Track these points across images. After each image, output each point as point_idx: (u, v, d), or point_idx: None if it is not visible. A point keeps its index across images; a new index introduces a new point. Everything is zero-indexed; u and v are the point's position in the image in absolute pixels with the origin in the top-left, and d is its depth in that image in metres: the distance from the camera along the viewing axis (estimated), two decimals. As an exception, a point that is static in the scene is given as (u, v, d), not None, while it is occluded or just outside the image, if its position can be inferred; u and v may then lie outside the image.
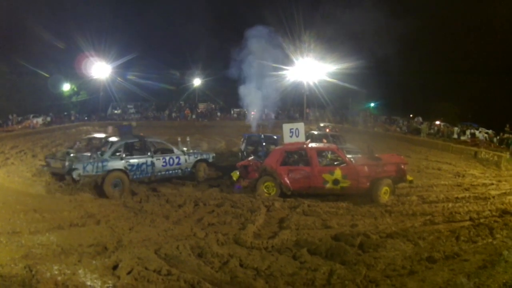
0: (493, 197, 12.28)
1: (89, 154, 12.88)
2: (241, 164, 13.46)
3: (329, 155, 12.90)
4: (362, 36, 35.17)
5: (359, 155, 17.45)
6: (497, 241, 7.86)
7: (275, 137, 18.45)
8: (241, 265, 6.56)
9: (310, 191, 12.04)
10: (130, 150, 13.80)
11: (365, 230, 8.45)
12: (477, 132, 29.75)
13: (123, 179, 12.65)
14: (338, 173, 11.72)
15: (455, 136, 30.24)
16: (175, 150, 14.57)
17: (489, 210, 10.49)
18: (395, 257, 6.95)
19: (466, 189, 13.38)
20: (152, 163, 13.59)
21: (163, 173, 13.93)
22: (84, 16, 53.42)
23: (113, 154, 12.83)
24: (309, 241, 7.69)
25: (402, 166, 11.81)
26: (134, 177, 13.12)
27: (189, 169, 14.59)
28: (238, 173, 13.05)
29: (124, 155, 13.05)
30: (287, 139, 13.36)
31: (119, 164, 12.73)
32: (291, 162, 12.81)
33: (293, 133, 13.30)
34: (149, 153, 13.70)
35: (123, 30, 50.87)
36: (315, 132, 22.25)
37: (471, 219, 9.66)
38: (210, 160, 15.47)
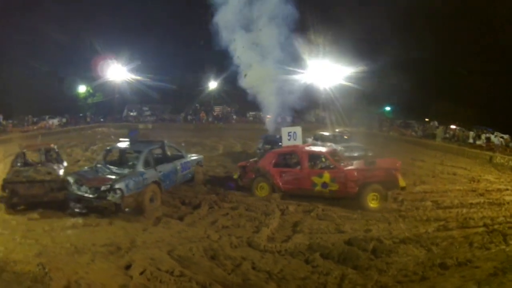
0: (508, 202, 12.01)
1: (113, 168, 11.58)
2: (240, 165, 13.72)
3: (322, 159, 12.87)
4: (379, 38, 35.15)
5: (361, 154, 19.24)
6: (510, 248, 7.78)
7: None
8: (253, 268, 6.63)
9: (300, 192, 12.16)
10: (154, 158, 12.18)
11: (378, 235, 8.44)
12: (492, 137, 29.33)
13: (156, 191, 11.05)
14: (326, 176, 11.76)
15: (471, 140, 29.82)
16: (184, 153, 13.93)
17: (504, 216, 10.33)
18: (407, 263, 6.96)
19: (481, 195, 13.15)
20: (176, 170, 12.61)
21: (180, 179, 12.94)
22: (100, 18, 53.75)
23: (146, 164, 11.24)
24: (322, 245, 7.72)
25: (394, 172, 11.30)
26: (165, 187, 11.78)
27: (193, 173, 13.84)
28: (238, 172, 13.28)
29: (154, 165, 11.55)
30: (286, 142, 13.76)
31: (154, 175, 11.20)
32: (283, 164, 13.07)
33: (291, 136, 13.82)
34: (173, 160, 12.88)
35: (139, 32, 51.13)
36: (325, 133, 23.06)
37: (485, 225, 9.48)
38: (202, 163, 14.91)
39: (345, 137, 23.16)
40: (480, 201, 12.10)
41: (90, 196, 10.09)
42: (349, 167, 11.99)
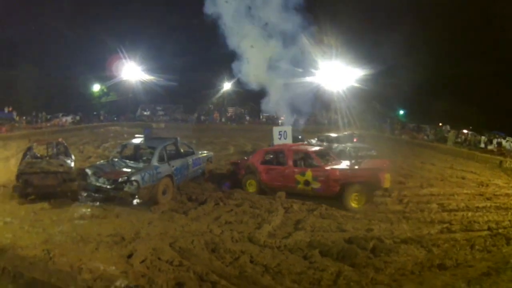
0: (515, 207, 11.95)
1: (130, 162, 12.44)
2: (232, 162, 14.23)
3: (306, 157, 13.03)
4: (390, 41, 35.02)
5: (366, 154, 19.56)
6: (508, 249, 7.80)
7: (299, 137, 20.15)
8: (251, 262, 6.77)
9: (285, 189, 12.33)
10: (168, 153, 12.77)
11: (379, 235, 8.46)
12: (503, 141, 29.11)
13: (169, 184, 11.73)
14: (309, 175, 11.96)
15: (482, 145, 29.61)
16: (195, 150, 14.45)
17: (509, 221, 10.19)
18: (406, 262, 6.99)
19: (488, 199, 13.01)
20: (188, 165, 13.17)
21: (192, 174, 13.48)
22: (116, 18, 54.23)
23: (160, 159, 11.94)
24: (322, 243, 7.80)
25: (377, 172, 11.25)
26: (177, 181, 12.39)
27: (203, 168, 14.31)
28: None
29: (167, 160, 12.23)
30: (276, 140, 14.53)
31: (168, 170, 11.86)
32: (270, 162, 13.32)
33: (282, 135, 14.69)
34: (185, 156, 13.45)
35: (154, 32, 51.43)
36: (332, 135, 23.66)
37: (489, 228, 9.40)
38: (212, 160, 15.36)
39: (354, 139, 23.38)
40: (487, 205, 11.96)
41: (108, 187, 10.90)
42: (332, 167, 12.05)
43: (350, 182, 11.40)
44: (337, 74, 30.33)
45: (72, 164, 12.15)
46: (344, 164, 12.46)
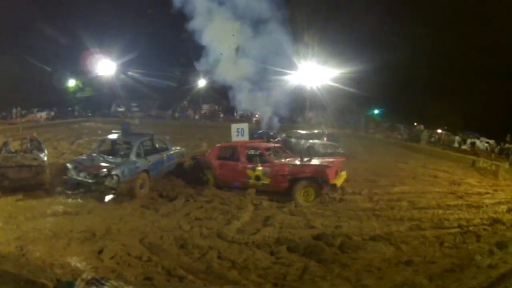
0: (487, 206, 12.05)
1: (108, 157, 12.65)
2: (192, 157, 14.61)
3: (257, 153, 13.53)
4: (367, 39, 35.29)
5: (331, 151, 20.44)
6: (473, 246, 7.94)
7: (271, 133, 21.89)
8: (218, 257, 6.82)
9: (237, 184, 12.63)
10: (144, 149, 13.23)
11: (348, 232, 8.54)
12: (477, 142, 29.64)
13: (145, 179, 12.05)
14: (259, 170, 12.27)
15: (456, 145, 30.12)
16: (169, 146, 14.72)
17: (480, 218, 10.35)
18: (373, 259, 7.08)
19: (460, 197, 13.21)
20: (163, 160, 13.56)
21: (165, 169, 13.77)
22: (90, 13, 53.56)
23: (137, 155, 12.32)
24: (289, 239, 7.87)
25: (324, 169, 11.49)
26: (153, 175, 12.66)
27: (176, 164, 14.58)
28: None
29: (144, 155, 12.61)
30: (234, 137, 14.73)
31: (145, 164, 12.24)
32: (225, 157, 13.74)
33: (239, 133, 14.86)
34: (160, 151, 13.79)
35: (128, 27, 50.88)
36: (301, 132, 24.42)
37: (459, 226, 9.54)
38: (184, 155, 15.61)
39: (324, 138, 23.64)
40: (458, 203, 12.14)
41: (89, 181, 11.19)
42: (281, 163, 12.49)
43: (297, 177, 11.69)
44: (313, 72, 30.48)
45: (45, 158, 12.63)
46: (295, 161, 12.71)
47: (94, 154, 12.85)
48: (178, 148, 15.49)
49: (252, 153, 13.65)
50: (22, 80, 46.79)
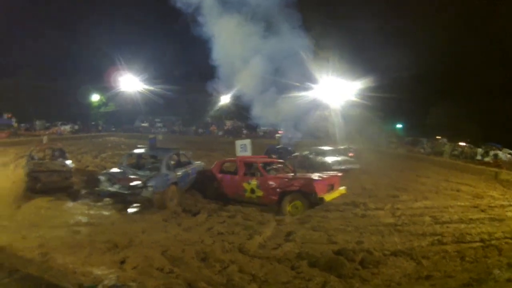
0: (510, 218, 11.92)
1: (138, 170, 13.30)
2: (199, 171, 14.87)
3: (252, 167, 13.91)
4: (392, 54, 35.19)
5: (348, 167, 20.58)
6: (492, 260, 7.85)
7: (289, 148, 22.62)
8: (239, 271, 6.85)
9: (235, 197, 13.19)
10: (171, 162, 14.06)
11: (369, 247, 8.45)
12: (500, 153, 29.27)
13: (174, 191, 12.61)
14: (254, 183, 12.76)
15: (479, 157, 29.80)
16: (192, 161, 15.39)
17: (503, 232, 10.15)
18: (393, 274, 7.04)
19: (482, 211, 13.05)
20: (188, 174, 14.10)
21: (190, 182, 14.27)
22: (116, 29, 54.61)
23: (167, 168, 12.97)
24: (310, 254, 7.84)
25: (312, 182, 11.70)
26: (180, 188, 13.18)
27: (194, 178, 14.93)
28: None
29: (173, 168, 13.36)
30: (238, 152, 15.86)
31: (174, 177, 12.82)
32: (226, 171, 14.47)
33: (243, 148, 16.17)
34: (185, 165, 14.43)
35: (154, 44, 51.76)
36: (324, 148, 24.37)
37: (481, 240, 9.39)
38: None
39: (350, 154, 23.75)
40: (481, 216, 12.01)
41: (125, 192, 11.79)
42: (273, 176, 12.99)
43: (286, 191, 12.05)
44: (335, 88, 30.47)
45: (72, 165, 14.58)
46: (284, 175, 13.13)
47: (123, 167, 13.39)
48: (198, 162, 15.91)
49: (249, 167, 13.92)
50: (46, 93, 47.78)
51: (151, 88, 47.02)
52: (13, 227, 9.08)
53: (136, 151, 15.30)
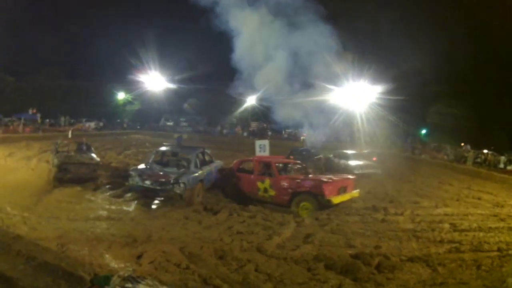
0: (529, 228, 11.77)
1: (165, 167, 13.78)
2: (219, 169, 15.28)
3: (266, 166, 14.09)
4: (419, 60, 34.86)
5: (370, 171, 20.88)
6: (507, 268, 7.84)
7: (312, 151, 23.12)
8: (256, 270, 6.97)
9: (251, 195, 13.53)
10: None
11: (386, 252, 8.50)
12: (524, 162, 28.95)
13: (201, 188, 13.25)
14: (267, 183, 13.07)
15: (501, 165, 29.42)
16: (214, 160, 15.93)
17: None
18: (408, 280, 7.08)
19: (502, 220, 12.89)
20: (212, 172, 14.65)
21: (213, 180, 14.72)
22: (143, 28, 55.16)
23: (195, 165, 13.60)
24: (327, 257, 7.90)
25: (322, 184, 11.93)
26: (205, 185, 13.78)
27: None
28: None
29: (200, 166, 13.90)
30: (257, 152, 16.61)
31: (201, 175, 13.43)
32: (243, 170, 14.82)
33: (262, 148, 17.03)
34: (209, 163, 15.00)
35: (181, 44, 52.11)
36: (348, 152, 24.28)
37: (499, 249, 9.30)
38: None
39: (374, 158, 23.80)
40: (500, 226, 11.88)
41: (157, 187, 12.43)
42: (285, 176, 13.38)
43: (296, 191, 12.35)
44: (360, 91, 30.39)
45: (98, 159, 16.00)
46: (296, 175, 13.63)
47: (150, 164, 13.91)
48: (218, 161, 16.44)
49: (263, 166, 14.16)
50: (72, 90, 48.56)
51: (177, 87, 47.38)
52: (33, 218, 9.33)
53: (163, 148, 15.76)
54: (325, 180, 12.34)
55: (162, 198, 12.73)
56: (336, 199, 11.96)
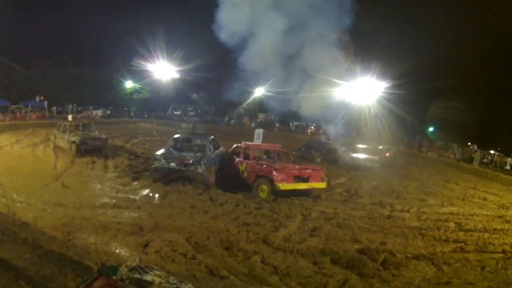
0: (534, 231, 11.75)
1: (182, 152, 15.51)
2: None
3: (247, 152, 15.47)
4: (431, 59, 34.71)
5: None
6: (511, 271, 7.83)
7: (323, 141, 26.81)
8: (262, 262, 7.00)
9: (237, 176, 14.94)
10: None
11: (392, 249, 8.49)
12: (530, 164, 28.83)
13: (214, 169, 14.83)
14: (244, 165, 14.69)
15: (508, 167, 29.32)
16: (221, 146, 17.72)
17: None
18: (413, 278, 7.08)
19: (507, 221, 12.94)
20: (220, 155, 16.40)
21: (218, 163, 15.88)
22: (153, 17, 55.14)
23: (210, 150, 15.18)
24: (334, 251, 7.93)
25: (274, 171, 12.91)
26: (216, 167, 15.29)
27: None
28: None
29: (213, 150, 15.55)
30: (255, 140, 19.94)
31: (215, 158, 15.32)
32: (236, 154, 16.03)
33: (258, 136, 20.64)
34: (218, 148, 16.59)
35: (190, 34, 51.99)
36: (362, 146, 25.39)
37: (503, 251, 9.36)
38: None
39: (387, 154, 24.84)
40: (505, 227, 11.91)
41: (183, 168, 13.87)
42: (255, 162, 14.64)
43: (258, 175, 13.62)
44: (370, 88, 30.35)
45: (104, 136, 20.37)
46: (263, 161, 15.17)
47: (169, 150, 15.13)
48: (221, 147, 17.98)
49: (246, 152, 15.50)
50: (79, 78, 48.62)
51: (185, 76, 47.30)
52: (39, 205, 9.38)
53: (180, 135, 17.59)
54: (277, 167, 13.43)
55: (180, 180, 13.78)
56: (285, 186, 12.81)
